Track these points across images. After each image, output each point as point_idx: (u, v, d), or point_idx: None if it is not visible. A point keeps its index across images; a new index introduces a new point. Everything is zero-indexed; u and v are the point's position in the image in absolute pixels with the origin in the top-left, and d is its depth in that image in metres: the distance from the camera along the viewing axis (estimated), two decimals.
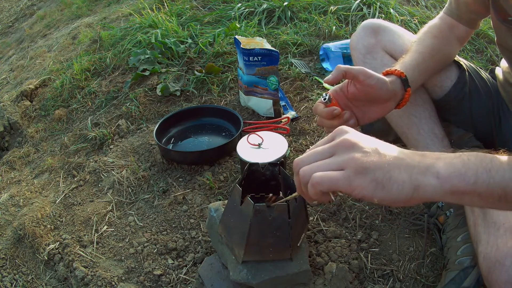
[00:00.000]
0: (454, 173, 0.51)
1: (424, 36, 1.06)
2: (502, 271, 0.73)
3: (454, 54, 1.12)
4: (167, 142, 1.53)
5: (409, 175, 0.51)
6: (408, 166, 0.52)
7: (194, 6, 2.54)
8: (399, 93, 0.88)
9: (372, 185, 0.50)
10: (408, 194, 0.51)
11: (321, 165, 0.53)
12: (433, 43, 1.04)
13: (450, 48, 1.08)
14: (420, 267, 1.03)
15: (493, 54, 1.85)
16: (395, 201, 0.51)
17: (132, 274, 1.11)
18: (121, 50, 2.21)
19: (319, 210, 1.20)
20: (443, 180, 0.51)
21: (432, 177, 0.51)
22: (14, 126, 2.02)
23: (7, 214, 1.41)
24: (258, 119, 1.61)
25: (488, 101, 1.11)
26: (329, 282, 0.97)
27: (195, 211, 1.25)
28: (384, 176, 0.51)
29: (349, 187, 0.51)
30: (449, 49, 1.08)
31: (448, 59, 1.09)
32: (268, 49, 1.51)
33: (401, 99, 0.89)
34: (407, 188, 0.51)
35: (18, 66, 2.76)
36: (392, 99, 0.87)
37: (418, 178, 0.51)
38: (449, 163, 0.52)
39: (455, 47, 1.10)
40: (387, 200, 0.51)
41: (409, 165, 0.52)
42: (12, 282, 1.18)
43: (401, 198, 0.51)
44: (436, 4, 2.34)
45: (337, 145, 0.54)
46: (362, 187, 0.51)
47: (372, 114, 0.87)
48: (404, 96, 0.89)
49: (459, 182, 0.51)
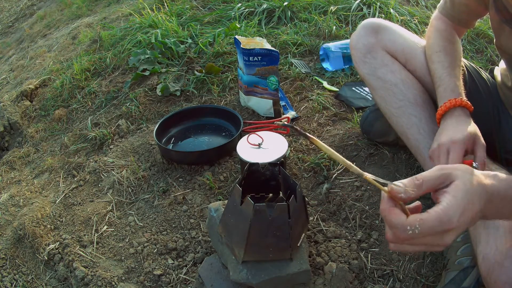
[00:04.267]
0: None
1: (445, 43, 1.08)
2: (501, 271, 0.73)
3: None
4: (167, 142, 1.53)
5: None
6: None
7: (194, 6, 2.54)
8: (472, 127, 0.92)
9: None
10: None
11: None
12: (456, 48, 1.07)
13: (460, 47, 1.11)
14: (420, 267, 1.03)
15: (493, 54, 1.85)
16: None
17: (132, 274, 1.11)
18: (121, 50, 2.21)
19: (319, 210, 1.20)
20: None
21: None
22: (14, 126, 2.02)
23: (7, 214, 1.41)
24: (258, 119, 1.61)
25: (488, 101, 1.11)
26: (329, 282, 0.97)
27: (195, 211, 1.25)
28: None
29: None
30: (460, 49, 1.10)
31: (461, 58, 1.11)
32: (268, 49, 1.51)
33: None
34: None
35: (18, 66, 2.76)
36: None
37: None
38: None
39: (461, 46, 1.12)
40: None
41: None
42: (12, 282, 1.18)
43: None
44: (436, 4, 2.34)
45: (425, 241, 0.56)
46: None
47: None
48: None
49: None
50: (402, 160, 1.31)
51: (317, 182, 1.30)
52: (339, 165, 1.32)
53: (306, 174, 1.33)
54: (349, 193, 1.24)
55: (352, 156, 1.36)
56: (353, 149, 1.39)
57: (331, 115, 1.58)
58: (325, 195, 1.24)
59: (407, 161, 1.31)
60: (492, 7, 0.96)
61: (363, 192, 1.23)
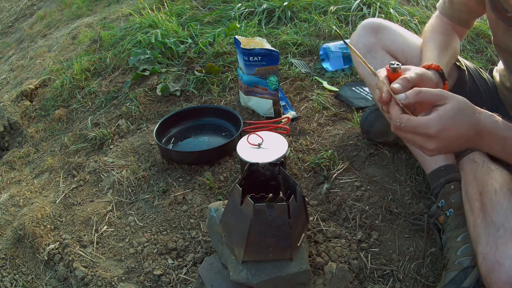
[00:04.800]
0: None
1: (433, 34, 1.08)
2: (502, 271, 0.73)
3: (459, 49, 1.13)
4: (167, 142, 1.53)
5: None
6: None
7: (194, 6, 2.54)
8: (439, 86, 0.91)
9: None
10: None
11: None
12: (444, 39, 1.06)
13: (456, 43, 1.10)
14: (420, 267, 1.03)
15: (493, 54, 1.85)
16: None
17: (132, 274, 1.11)
18: (121, 50, 2.21)
19: (319, 210, 1.20)
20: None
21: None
22: (14, 126, 2.02)
23: (7, 214, 1.41)
24: (258, 119, 1.61)
25: (489, 101, 1.11)
26: (329, 282, 0.97)
27: (195, 211, 1.25)
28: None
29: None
30: (455, 44, 1.09)
31: (456, 54, 1.11)
32: (268, 49, 1.51)
33: None
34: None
35: (18, 66, 2.76)
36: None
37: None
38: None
39: (458, 43, 1.11)
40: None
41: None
42: (12, 282, 1.18)
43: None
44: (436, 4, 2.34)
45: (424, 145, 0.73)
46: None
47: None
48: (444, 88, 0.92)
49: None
50: (402, 160, 1.31)
51: (317, 182, 1.30)
52: (339, 165, 1.32)
53: (306, 174, 1.33)
54: (349, 193, 1.24)
55: (352, 156, 1.36)
56: (353, 149, 1.39)
57: (331, 115, 1.58)
58: (325, 195, 1.24)
59: (407, 161, 1.31)
60: (488, 5, 0.96)
61: (363, 192, 1.23)
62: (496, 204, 0.82)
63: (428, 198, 1.20)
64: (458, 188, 1.01)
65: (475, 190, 0.89)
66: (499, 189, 0.85)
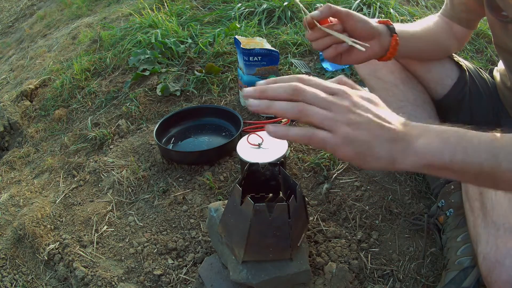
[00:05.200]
0: (431, 152, 0.55)
1: (422, 20, 1.11)
2: (502, 271, 0.73)
3: (450, 49, 1.12)
4: (167, 142, 1.53)
5: (389, 152, 0.55)
6: (391, 142, 0.55)
7: (194, 6, 2.54)
8: (384, 36, 0.92)
9: (354, 155, 0.55)
10: (383, 166, 0.57)
11: (317, 115, 0.55)
12: (429, 26, 1.08)
13: (446, 40, 1.09)
14: (420, 267, 1.03)
15: (493, 54, 1.85)
16: (372, 169, 0.66)
17: (132, 274, 1.11)
18: (121, 50, 2.21)
19: (319, 210, 1.20)
20: (420, 157, 0.55)
21: (410, 154, 0.56)
22: (14, 126, 2.02)
23: (7, 214, 1.41)
24: (258, 119, 1.61)
25: (488, 101, 1.11)
26: (329, 282, 0.97)
27: (195, 211, 1.25)
28: (367, 150, 0.55)
29: (333, 152, 0.56)
30: (445, 41, 1.09)
31: (441, 50, 1.10)
32: (268, 49, 1.51)
33: (388, 46, 0.93)
34: (382, 162, 0.56)
35: (18, 66, 2.76)
36: (376, 38, 0.90)
37: (396, 155, 0.56)
38: (428, 140, 0.56)
39: (452, 43, 1.10)
40: (365, 168, 0.62)
41: (392, 141, 0.56)
42: (12, 282, 1.18)
43: (377, 168, 0.57)
44: (436, 4, 2.34)
45: (336, 104, 0.56)
46: (344, 155, 0.55)
47: (358, 52, 0.89)
48: (391, 43, 0.92)
49: (434, 160, 0.55)
50: None
51: (317, 182, 1.30)
52: (339, 165, 1.32)
53: (306, 174, 1.33)
54: (349, 193, 1.24)
55: None
56: None
57: None
58: (325, 195, 1.24)
59: None
60: (485, 4, 0.96)
61: (363, 192, 1.23)
62: (496, 204, 0.82)
63: (428, 198, 1.20)
64: (458, 188, 1.01)
65: (475, 190, 0.89)
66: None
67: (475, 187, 0.90)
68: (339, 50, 0.87)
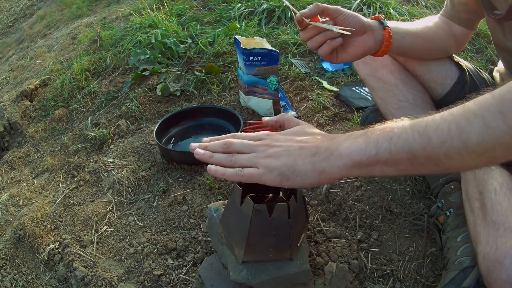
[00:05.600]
0: (354, 150, 0.58)
1: (420, 20, 1.12)
2: (502, 270, 0.73)
3: (449, 49, 1.12)
4: (167, 142, 1.53)
5: (313, 164, 0.60)
6: (313, 156, 0.61)
7: (194, 6, 2.54)
8: (377, 30, 0.92)
9: (278, 178, 0.63)
10: (315, 180, 0.61)
11: (243, 159, 0.69)
12: (427, 25, 1.08)
13: (445, 40, 1.09)
14: (420, 267, 1.03)
15: (493, 54, 1.85)
16: (302, 186, 0.65)
17: (132, 274, 1.11)
18: (121, 50, 2.21)
19: (319, 210, 1.20)
20: (346, 159, 0.58)
21: (336, 159, 0.59)
22: (14, 126, 2.02)
23: (7, 214, 1.41)
24: (258, 119, 1.61)
25: None
26: (329, 282, 0.97)
27: (195, 211, 1.25)
28: (289, 171, 0.62)
29: (261, 181, 0.65)
30: (443, 40, 1.09)
31: (439, 49, 1.10)
32: (268, 49, 1.51)
33: (382, 39, 0.94)
34: (310, 176, 0.61)
35: (18, 66, 2.76)
36: (369, 33, 0.91)
37: (322, 164, 0.60)
38: (352, 141, 0.59)
39: (451, 43, 1.10)
40: (295, 186, 0.66)
41: (314, 155, 0.61)
42: (12, 282, 1.18)
43: (307, 183, 0.62)
44: (436, 4, 2.35)
45: (258, 146, 0.69)
46: (271, 180, 0.64)
47: (352, 48, 0.91)
48: (384, 36, 0.93)
49: (360, 157, 0.57)
50: None
51: None
52: None
53: None
54: (349, 193, 1.24)
55: None
56: None
57: (331, 115, 1.58)
58: (325, 195, 1.24)
59: None
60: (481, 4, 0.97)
61: (363, 192, 1.23)
62: (496, 204, 0.82)
63: (428, 198, 1.20)
64: (458, 188, 1.01)
65: (475, 190, 0.89)
66: (499, 189, 0.85)
67: (475, 187, 0.90)
68: (333, 45, 0.88)
